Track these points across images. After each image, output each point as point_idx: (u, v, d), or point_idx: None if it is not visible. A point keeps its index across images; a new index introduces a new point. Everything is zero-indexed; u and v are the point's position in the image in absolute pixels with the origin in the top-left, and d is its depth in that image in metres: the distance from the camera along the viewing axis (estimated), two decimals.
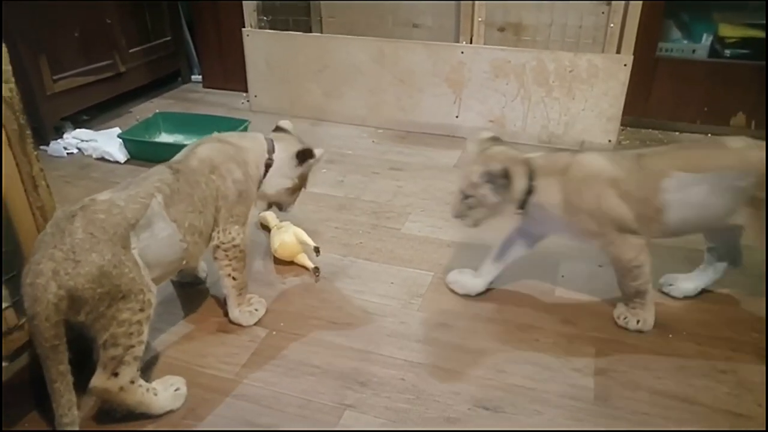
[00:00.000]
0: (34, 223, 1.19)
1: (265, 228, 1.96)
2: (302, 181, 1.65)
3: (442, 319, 1.58)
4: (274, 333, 1.53)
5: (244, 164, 1.49)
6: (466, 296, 1.65)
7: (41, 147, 2.55)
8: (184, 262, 1.38)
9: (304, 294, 1.69)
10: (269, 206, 1.70)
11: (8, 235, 1.16)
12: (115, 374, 1.17)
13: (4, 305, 1.17)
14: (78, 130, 2.71)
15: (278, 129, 1.67)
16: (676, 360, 1.44)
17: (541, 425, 1.26)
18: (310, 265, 1.76)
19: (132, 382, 1.20)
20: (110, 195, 1.23)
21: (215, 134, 1.58)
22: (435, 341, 1.50)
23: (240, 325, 1.54)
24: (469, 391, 1.35)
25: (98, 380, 1.16)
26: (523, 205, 1.47)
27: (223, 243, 1.46)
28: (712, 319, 1.57)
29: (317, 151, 1.60)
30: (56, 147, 2.58)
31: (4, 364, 1.21)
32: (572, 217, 1.44)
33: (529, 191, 1.45)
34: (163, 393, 1.27)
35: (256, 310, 1.57)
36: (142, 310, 1.18)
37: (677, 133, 2.83)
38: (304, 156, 1.58)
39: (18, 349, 1.23)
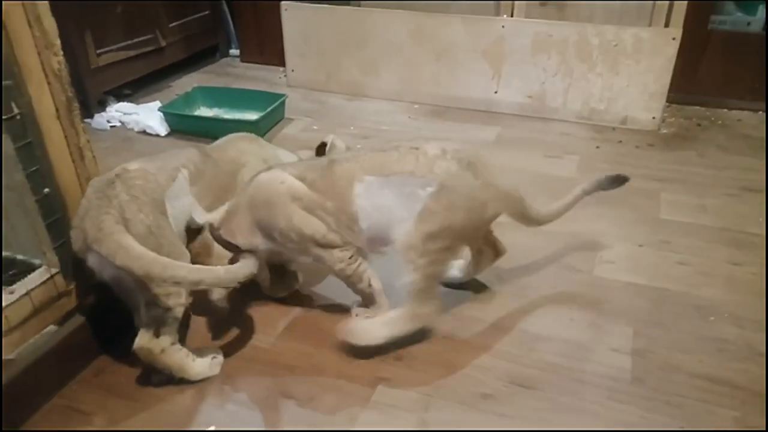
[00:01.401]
0: (81, 193, 1.23)
1: None
2: None
3: (474, 295, 1.58)
4: (307, 306, 1.55)
5: None
6: (501, 270, 1.64)
7: (85, 120, 2.61)
8: None
9: None
10: None
11: (56, 204, 1.20)
12: (157, 335, 1.22)
13: (53, 271, 1.22)
14: (120, 103, 2.76)
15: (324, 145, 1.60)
16: (716, 343, 1.40)
17: (577, 404, 1.25)
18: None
19: (173, 344, 1.25)
20: (140, 164, 1.29)
21: (255, 136, 1.64)
22: (468, 318, 1.50)
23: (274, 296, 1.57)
24: (504, 367, 1.35)
25: (142, 340, 1.22)
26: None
27: None
28: (756, 302, 1.53)
29: None
30: (100, 120, 2.65)
31: (53, 328, 1.27)
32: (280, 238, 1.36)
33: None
34: (201, 359, 1.31)
35: (290, 282, 1.58)
36: None
37: (725, 110, 2.73)
38: None
39: (67, 313, 1.28)
